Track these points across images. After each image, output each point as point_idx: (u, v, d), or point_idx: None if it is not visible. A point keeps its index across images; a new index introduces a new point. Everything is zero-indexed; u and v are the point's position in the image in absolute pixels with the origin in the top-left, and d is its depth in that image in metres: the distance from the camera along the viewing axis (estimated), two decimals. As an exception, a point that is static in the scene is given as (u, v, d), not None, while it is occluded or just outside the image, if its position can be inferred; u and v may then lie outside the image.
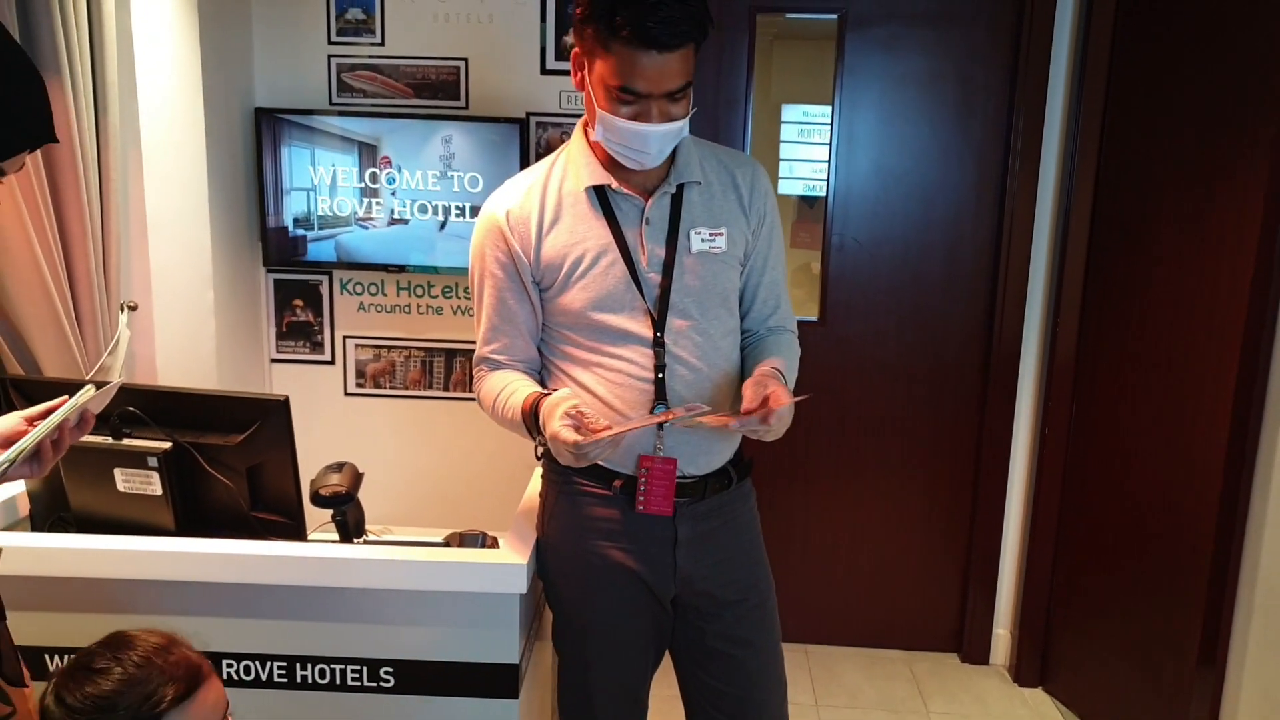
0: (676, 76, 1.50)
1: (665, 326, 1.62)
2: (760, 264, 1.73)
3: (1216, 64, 2.39)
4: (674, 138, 1.57)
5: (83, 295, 2.22)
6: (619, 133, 1.54)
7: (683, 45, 1.48)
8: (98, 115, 2.23)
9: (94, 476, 1.76)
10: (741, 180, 1.70)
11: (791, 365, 1.73)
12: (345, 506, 1.83)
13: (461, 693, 1.70)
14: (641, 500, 1.63)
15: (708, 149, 1.72)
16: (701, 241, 1.64)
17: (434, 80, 3.00)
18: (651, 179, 1.64)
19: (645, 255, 1.62)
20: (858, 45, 2.97)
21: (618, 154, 1.58)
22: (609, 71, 1.50)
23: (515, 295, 1.67)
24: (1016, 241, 2.96)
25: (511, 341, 1.70)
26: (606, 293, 1.62)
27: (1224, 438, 2.33)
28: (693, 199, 1.65)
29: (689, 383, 1.64)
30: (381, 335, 3.17)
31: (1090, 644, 2.88)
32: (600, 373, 1.64)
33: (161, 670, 1.22)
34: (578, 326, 1.65)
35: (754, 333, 1.78)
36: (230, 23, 2.87)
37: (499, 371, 1.71)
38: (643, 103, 1.51)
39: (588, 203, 1.63)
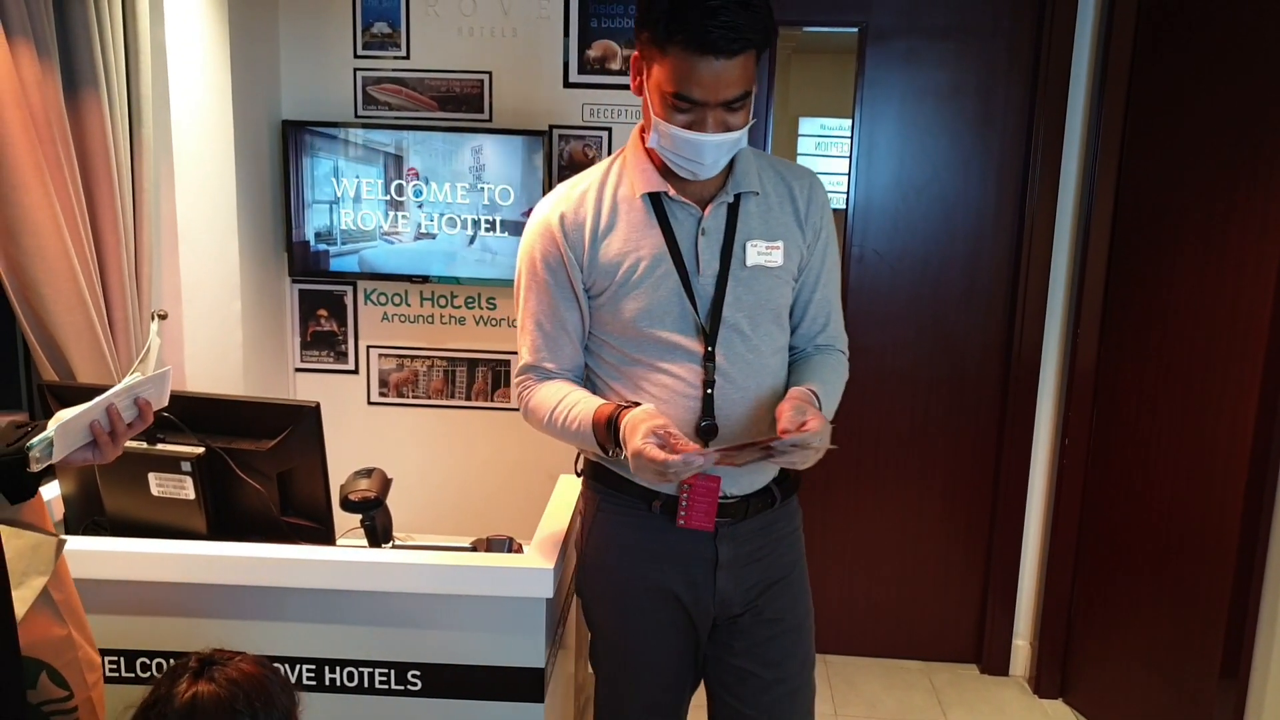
0: (735, 85, 1.44)
1: (716, 341, 1.58)
2: (813, 279, 1.68)
3: (1237, 76, 2.40)
4: (730, 149, 1.52)
5: (116, 304, 2.26)
6: (674, 141, 1.49)
7: (743, 52, 1.42)
8: (132, 128, 2.28)
9: (129, 481, 1.79)
10: (799, 193, 1.64)
11: (834, 388, 1.67)
12: (374, 511, 1.86)
13: (488, 696, 1.72)
14: (683, 515, 1.57)
15: (765, 160, 1.67)
16: (758, 255, 1.59)
17: (458, 93, 3.04)
18: (709, 188, 1.59)
19: (700, 266, 1.58)
20: (878, 58, 2.99)
21: (672, 163, 1.53)
22: (665, 77, 1.45)
23: (566, 302, 1.62)
24: (1037, 252, 2.97)
25: (561, 350, 1.64)
26: (658, 304, 1.57)
27: (1247, 448, 2.33)
28: (750, 210, 1.60)
29: (735, 400, 1.59)
30: (405, 345, 3.21)
31: (1111, 655, 2.87)
32: (646, 386, 1.59)
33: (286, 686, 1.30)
34: (625, 337, 1.60)
35: (800, 350, 1.72)
36: (259, 37, 2.92)
37: (551, 382, 1.65)
38: (699, 111, 1.45)
39: (643, 210, 1.58)
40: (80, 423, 1.31)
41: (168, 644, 1.73)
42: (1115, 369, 2.84)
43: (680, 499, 1.58)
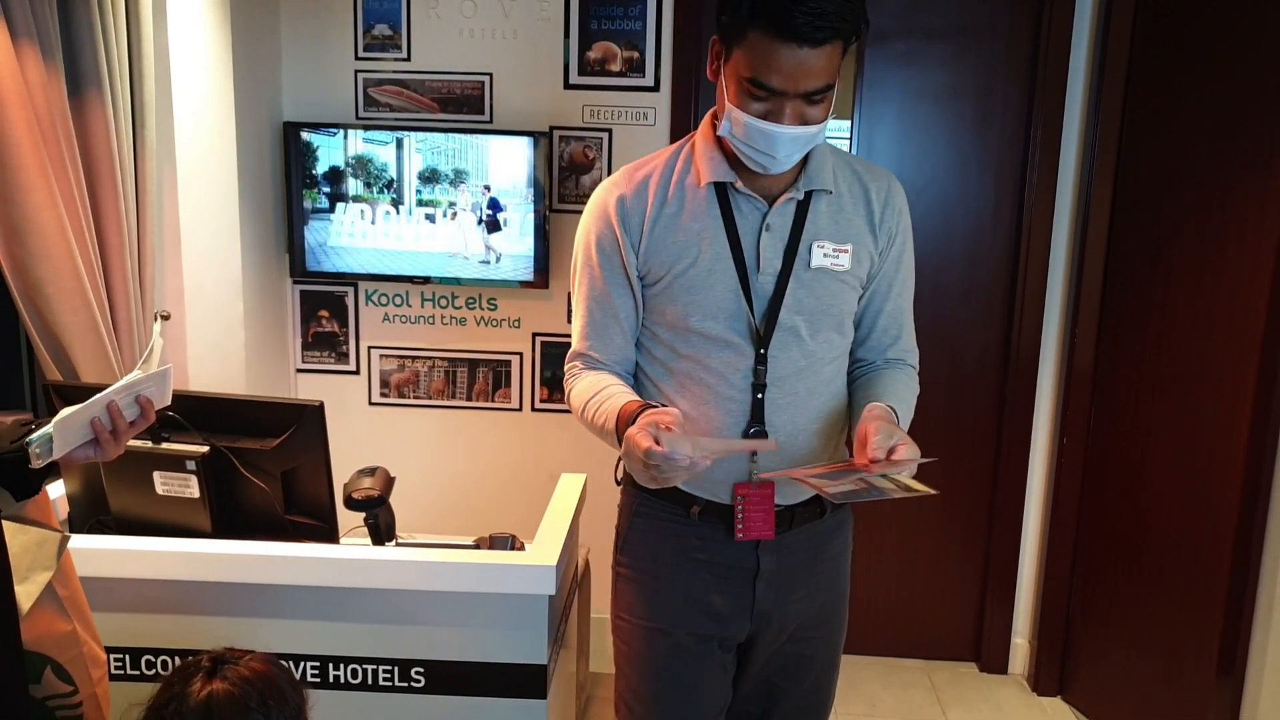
0: (818, 76, 1.35)
1: (770, 343, 1.49)
2: (885, 288, 1.59)
3: (1232, 76, 2.41)
4: (806, 144, 1.42)
5: (119, 304, 2.27)
6: (746, 130, 1.39)
7: (829, 41, 1.32)
8: (135, 130, 2.29)
9: (133, 480, 1.81)
10: (875, 196, 1.55)
11: (909, 406, 1.58)
12: (377, 510, 1.87)
13: (490, 693, 1.74)
14: (740, 528, 1.51)
15: (843, 158, 1.57)
16: (823, 256, 1.50)
17: (459, 94, 3.06)
18: (779, 182, 1.50)
19: (761, 264, 1.49)
20: (877, 60, 3.01)
21: (742, 153, 1.44)
22: (743, 62, 1.36)
23: (618, 288, 1.54)
24: (1034, 253, 2.98)
25: (611, 339, 1.56)
26: (712, 299, 1.49)
27: (1243, 446, 2.35)
28: (820, 209, 1.51)
29: (786, 407, 1.51)
30: (406, 346, 3.22)
31: (1109, 653, 2.89)
32: (692, 386, 1.52)
33: (295, 685, 1.32)
34: (675, 331, 1.52)
35: (869, 363, 1.63)
36: (260, 39, 2.94)
37: (595, 372, 1.56)
38: (776, 100, 1.36)
39: (706, 199, 1.50)
40: (80, 419, 1.32)
41: (173, 642, 1.74)
42: (1113, 368, 2.86)
43: (736, 511, 1.51)
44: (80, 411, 1.31)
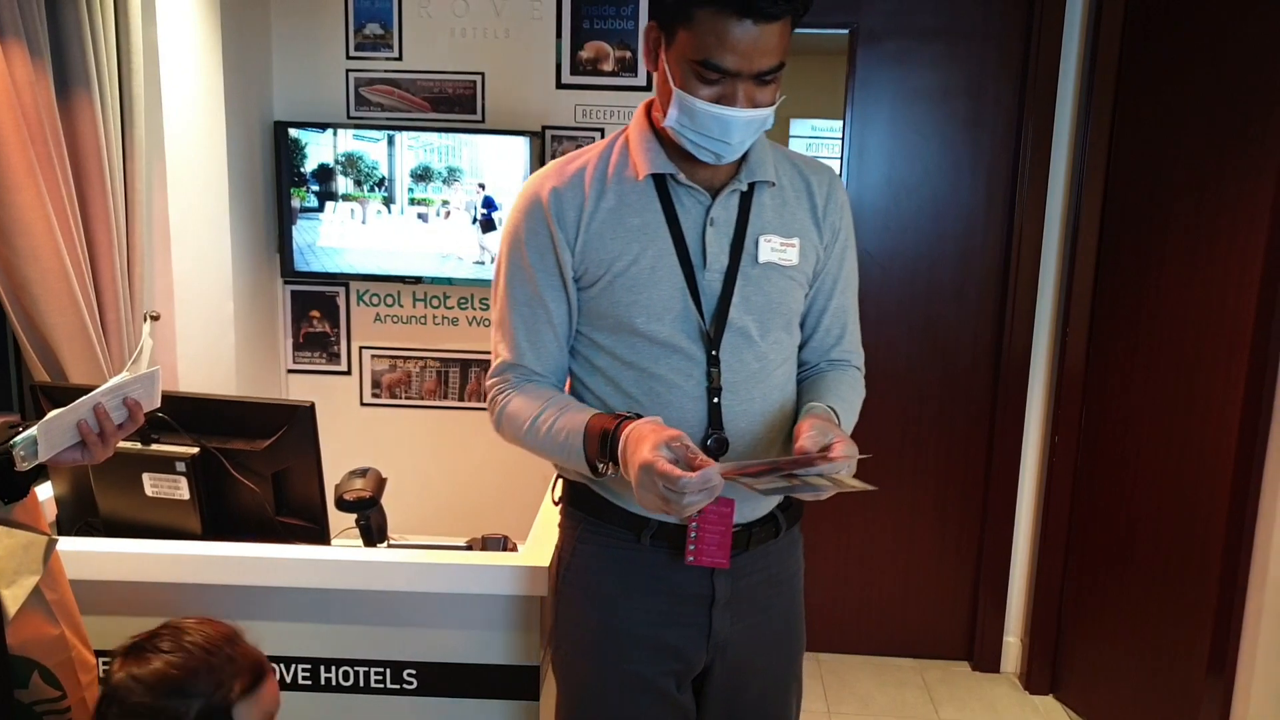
0: (772, 54, 1.27)
1: (721, 345, 1.40)
2: (829, 285, 1.51)
3: (1222, 78, 2.42)
4: (758, 128, 1.34)
5: (108, 305, 2.26)
6: (697, 117, 1.30)
7: (783, 16, 1.25)
8: (124, 129, 2.28)
9: (123, 481, 1.79)
10: (817, 189, 1.48)
11: (853, 408, 1.52)
12: (369, 511, 1.86)
13: (483, 694, 1.73)
14: (692, 551, 1.38)
15: (781, 152, 1.50)
16: (771, 251, 1.42)
17: (450, 94, 3.05)
18: (719, 174, 1.41)
19: (707, 260, 1.40)
20: (869, 60, 3.01)
21: (691, 144, 1.34)
22: (691, 43, 1.27)
23: (552, 290, 1.42)
24: (1026, 253, 2.99)
25: (545, 347, 1.44)
26: (657, 300, 1.39)
27: (1233, 446, 2.35)
28: (764, 201, 1.43)
29: (742, 415, 1.42)
30: (397, 346, 3.21)
31: (1100, 651, 2.89)
32: (640, 396, 1.40)
33: (231, 660, 1.26)
34: (617, 336, 1.41)
35: (812, 365, 1.56)
36: (251, 38, 2.92)
37: (532, 386, 1.44)
38: (728, 83, 1.28)
39: (645, 193, 1.40)
40: (65, 421, 1.31)
41: (163, 644, 1.73)
42: (1104, 368, 2.86)
43: (689, 530, 1.37)
44: (66, 414, 1.30)
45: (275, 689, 1.31)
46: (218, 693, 1.22)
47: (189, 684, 1.22)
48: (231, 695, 1.23)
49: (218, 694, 1.22)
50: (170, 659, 1.23)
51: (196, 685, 1.22)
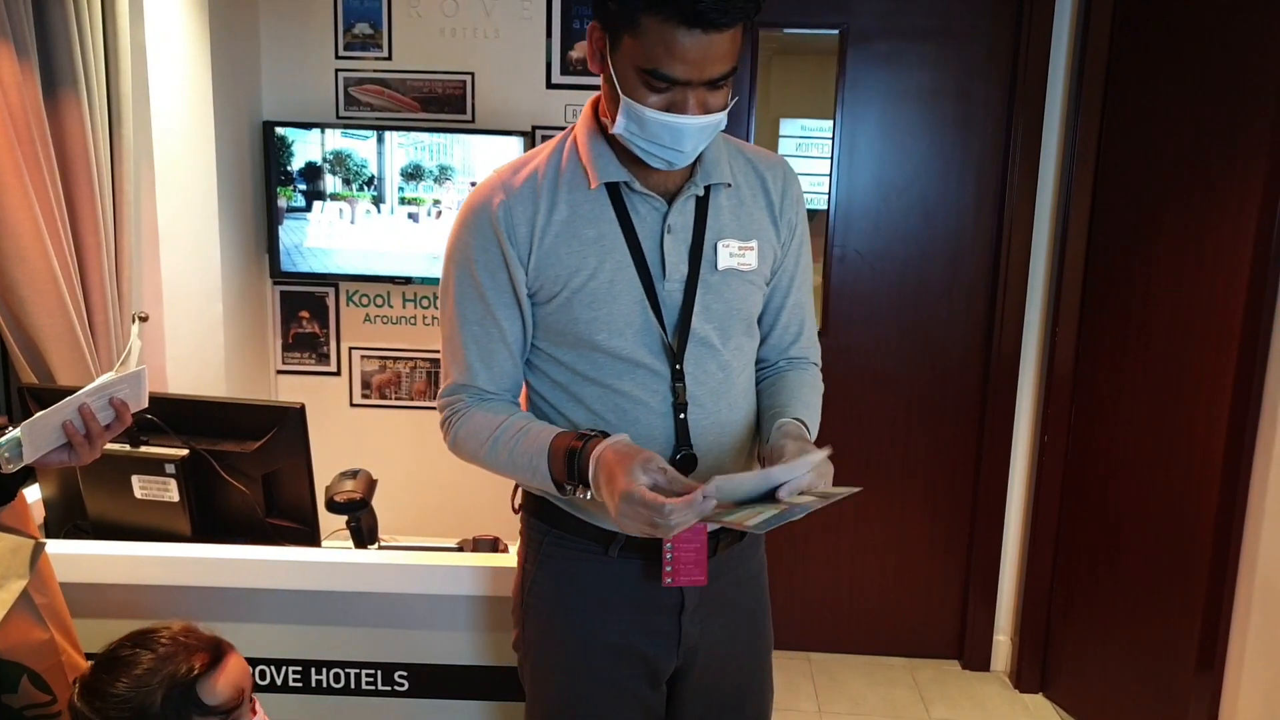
0: (723, 61, 1.22)
1: (684, 358, 1.36)
2: (786, 282, 1.47)
3: (1210, 78, 2.43)
4: (711, 133, 1.30)
5: (96, 306, 2.25)
6: (647, 126, 1.25)
7: (734, 24, 1.20)
8: (112, 129, 2.27)
9: (112, 484, 1.78)
10: (772, 184, 1.44)
11: (817, 413, 1.47)
12: (360, 513, 1.86)
13: (476, 696, 1.73)
14: (669, 573, 1.35)
15: (734, 146, 1.45)
16: (730, 256, 1.37)
17: (440, 94, 3.04)
18: (674, 178, 1.36)
19: (666, 270, 1.35)
20: (859, 60, 3.02)
21: (642, 151, 1.29)
22: (639, 51, 1.21)
23: (505, 308, 1.37)
24: (1015, 252, 3.00)
25: (499, 366, 1.38)
26: (617, 314, 1.33)
27: (1221, 444, 2.36)
28: (721, 204, 1.39)
29: (710, 429, 1.38)
30: (387, 346, 3.20)
31: (1090, 650, 2.91)
32: (603, 412, 1.36)
33: (186, 646, 1.27)
34: (577, 352, 1.36)
35: (771, 364, 1.51)
36: (239, 38, 2.91)
37: (488, 405, 1.38)
38: (678, 91, 1.22)
39: (599, 202, 1.34)
40: (50, 423, 1.30)
41: (152, 647, 1.72)
42: (1093, 367, 2.87)
43: (664, 552, 1.35)
44: (50, 415, 1.29)
45: (242, 665, 1.32)
46: (178, 675, 1.24)
47: (148, 677, 1.23)
48: (192, 673, 1.24)
49: (178, 676, 1.24)
50: (130, 668, 1.24)
51: (155, 675, 1.23)
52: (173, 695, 1.22)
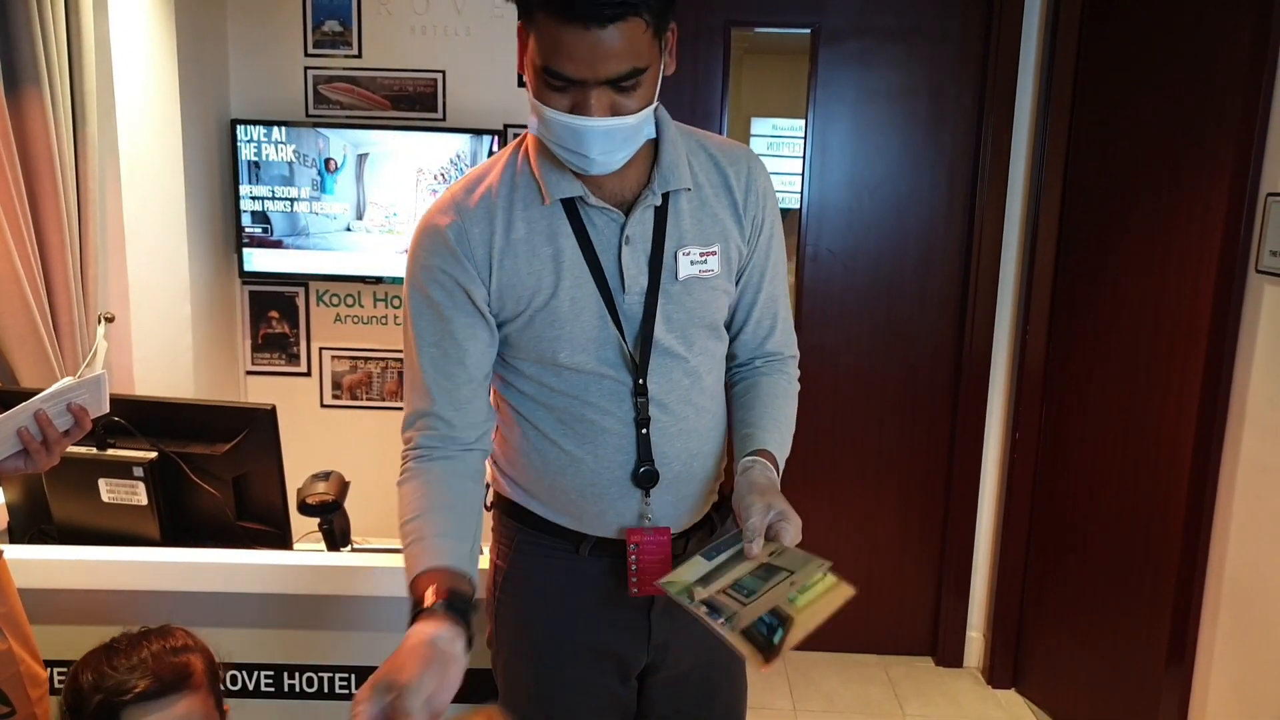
0: (618, 59, 1.15)
1: (648, 371, 1.34)
2: (757, 278, 1.43)
3: (1177, 76, 2.46)
4: (625, 140, 1.22)
5: (60, 306, 2.21)
6: (552, 127, 1.21)
7: (620, 19, 1.12)
8: (76, 126, 2.23)
9: (78, 487, 1.75)
10: (736, 181, 1.39)
11: (789, 428, 1.45)
12: (332, 515, 1.83)
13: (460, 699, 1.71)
14: (634, 582, 1.36)
15: (695, 140, 1.39)
16: (690, 264, 1.34)
17: (411, 92, 3.02)
18: (630, 184, 1.32)
19: (625, 283, 1.32)
20: (831, 59, 3.03)
21: (558, 154, 1.25)
22: (535, 49, 1.17)
23: (465, 328, 1.32)
24: (986, 251, 3.02)
25: (458, 393, 1.32)
26: (579, 332, 1.31)
27: (1190, 440, 2.39)
28: (681, 208, 1.34)
29: (677, 436, 1.37)
30: (358, 347, 3.17)
31: (1062, 645, 2.94)
32: (574, 424, 1.35)
33: (144, 662, 1.23)
34: (542, 366, 1.34)
35: (747, 364, 1.49)
36: (206, 34, 2.87)
37: (436, 471, 1.31)
38: (578, 90, 1.17)
39: (555, 217, 1.31)
40: (4, 430, 1.27)
41: (120, 653, 1.69)
42: (1063, 365, 2.90)
43: (630, 562, 1.35)
44: (4, 421, 1.26)
45: (195, 708, 1.29)
46: (113, 692, 1.21)
47: (99, 681, 1.21)
48: (124, 697, 1.21)
49: (113, 693, 1.21)
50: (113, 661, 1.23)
51: (105, 681, 1.21)
52: (101, 709, 1.19)
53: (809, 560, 1.28)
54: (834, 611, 1.25)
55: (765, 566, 1.25)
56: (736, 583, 1.23)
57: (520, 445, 1.40)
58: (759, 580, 1.24)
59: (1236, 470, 2.31)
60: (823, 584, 1.27)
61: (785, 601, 1.22)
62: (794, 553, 1.28)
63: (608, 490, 1.36)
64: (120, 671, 1.21)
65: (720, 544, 1.29)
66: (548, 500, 1.40)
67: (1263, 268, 2.21)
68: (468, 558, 1.25)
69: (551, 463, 1.37)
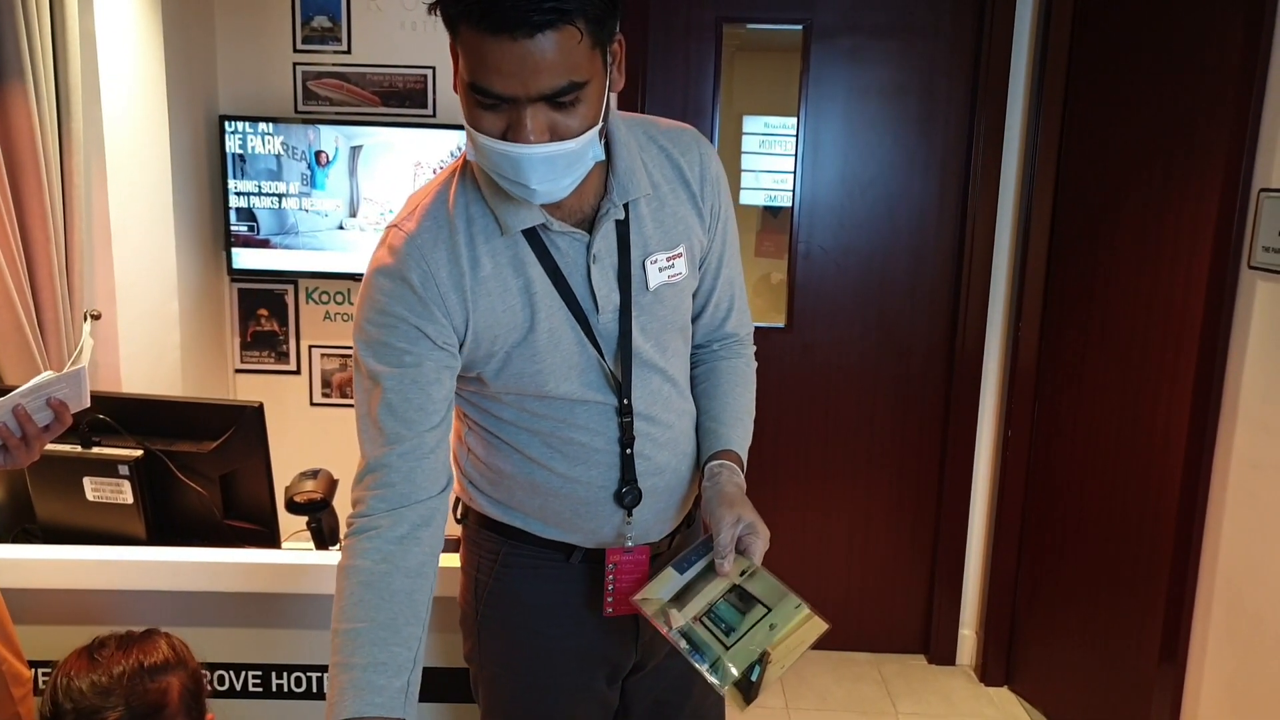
0: (551, 72, 1.04)
1: (630, 388, 1.30)
2: (715, 263, 1.39)
3: (1169, 72, 2.46)
4: (568, 166, 1.12)
5: (46, 303, 2.19)
6: (487, 155, 1.11)
7: (549, 27, 1.01)
8: (60, 120, 2.20)
9: (62, 486, 1.73)
10: (689, 169, 1.33)
11: (750, 419, 1.43)
12: (320, 513, 1.81)
13: (440, 698, 1.70)
14: (610, 603, 1.33)
15: (641, 131, 1.31)
16: (659, 272, 1.29)
17: (401, 88, 3.00)
18: (588, 198, 1.24)
19: (599, 304, 1.26)
20: (823, 56, 3.02)
21: (499, 183, 1.16)
22: (463, 64, 1.07)
23: (431, 372, 1.21)
24: (978, 248, 3.01)
25: (418, 440, 1.20)
26: (560, 360, 1.26)
27: (1182, 437, 2.39)
28: (642, 214, 1.28)
29: (665, 445, 1.35)
30: (348, 344, 3.14)
31: (1054, 642, 2.93)
32: (562, 446, 1.31)
33: (120, 684, 1.22)
34: (524, 395, 1.28)
35: (704, 346, 1.46)
36: (194, 29, 2.85)
37: (378, 569, 1.17)
38: (510, 110, 1.07)
39: (518, 246, 1.23)
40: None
41: (106, 654, 1.67)
42: (1056, 361, 2.90)
43: (607, 583, 1.32)
44: None
45: None
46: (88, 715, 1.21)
47: (78, 700, 1.21)
48: None
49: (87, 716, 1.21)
50: (91, 674, 1.22)
51: (82, 701, 1.21)
52: None
53: (784, 595, 1.29)
54: (809, 646, 1.26)
55: (739, 592, 1.27)
56: (712, 610, 1.24)
57: (502, 468, 1.34)
58: (736, 613, 1.25)
59: (1229, 466, 2.31)
60: (798, 617, 1.28)
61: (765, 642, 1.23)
62: (766, 579, 1.29)
63: (602, 509, 1.33)
64: (93, 694, 1.20)
65: (690, 554, 1.30)
66: (538, 517, 1.35)
67: (1255, 263, 2.20)
68: (400, 696, 1.14)
69: (541, 485, 1.32)
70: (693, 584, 1.26)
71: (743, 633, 1.22)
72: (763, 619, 1.25)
